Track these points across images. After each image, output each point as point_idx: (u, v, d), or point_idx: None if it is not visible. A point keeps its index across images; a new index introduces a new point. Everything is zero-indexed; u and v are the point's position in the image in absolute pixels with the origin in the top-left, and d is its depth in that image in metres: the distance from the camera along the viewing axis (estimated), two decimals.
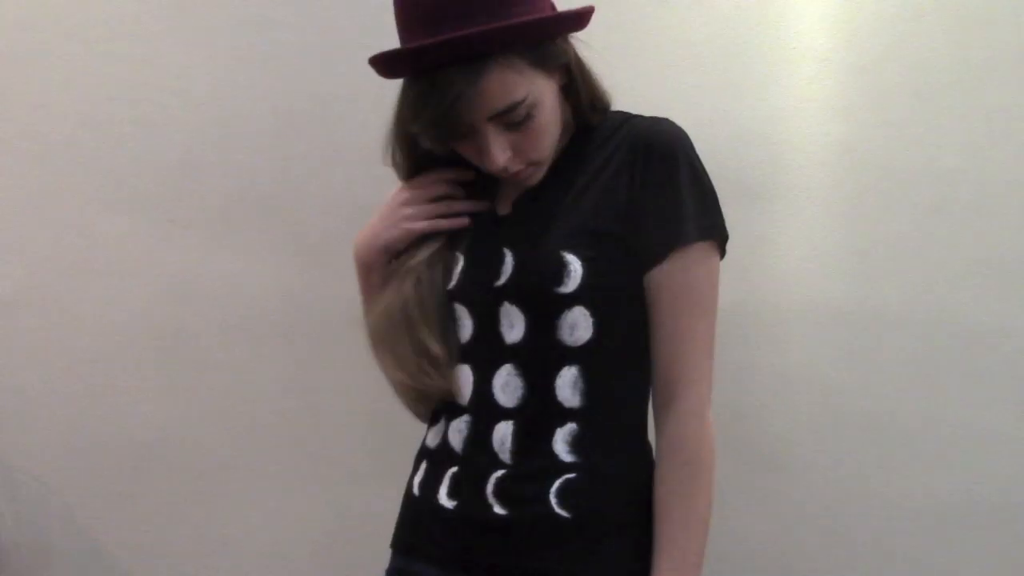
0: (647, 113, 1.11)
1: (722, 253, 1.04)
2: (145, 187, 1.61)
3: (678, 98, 1.50)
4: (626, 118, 1.06)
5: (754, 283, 1.51)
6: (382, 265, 1.11)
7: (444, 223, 1.08)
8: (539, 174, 1.03)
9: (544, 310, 0.98)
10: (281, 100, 1.59)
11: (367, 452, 1.61)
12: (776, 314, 1.51)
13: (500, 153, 0.96)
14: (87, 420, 1.62)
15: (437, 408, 1.10)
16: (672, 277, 0.99)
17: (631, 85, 1.15)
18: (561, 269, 0.97)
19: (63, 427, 1.62)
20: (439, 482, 1.05)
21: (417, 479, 1.10)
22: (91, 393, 1.61)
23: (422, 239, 1.08)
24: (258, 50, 1.60)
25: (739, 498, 1.53)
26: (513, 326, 1.00)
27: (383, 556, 1.16)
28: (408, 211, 1.08)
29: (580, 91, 1.04)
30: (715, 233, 1.01)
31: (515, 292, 0.99)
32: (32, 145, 1.61)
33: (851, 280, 1.49)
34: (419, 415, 1.14)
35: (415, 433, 1.22)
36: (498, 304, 1.01)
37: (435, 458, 1.08)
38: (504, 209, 1.07)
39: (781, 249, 1.51)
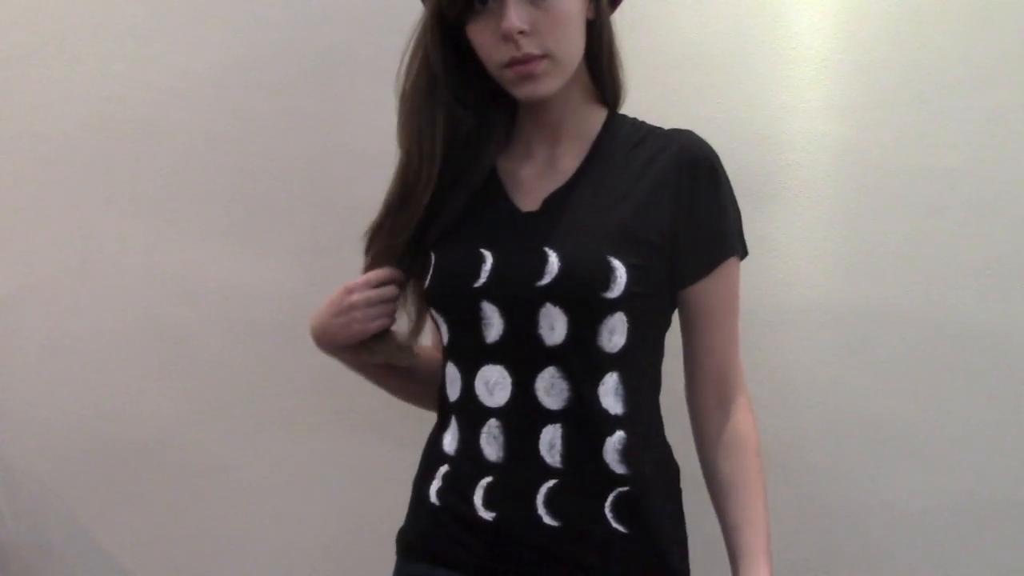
0: (645, 113, 1.11)
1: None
2: (145, 187, 1.61)
3: (678, 98, 1.50)
4: (649, 127, 1.07)
5: (754, 283, 1.51)
6: (341, 351, 1.14)
7: (390, 323, 1.11)
8: (551, 81, 1.00)
9: (588, 314, 0.98)
10: (282, 100, 1.59)
11: (368, 452, 1.61)
12: (776, 314, 1.51)
13: (517, 16, 0.96)
14: (87, 420, 1.62)
15: (447, 408, 1.08)
16: (718, 288, 1.05)
17: (631, 85, 1.15)
18: (609, 273, 0.96)
19: (63, 427, 1.62)
20: (470, 492, 1.02)
21: (434, 487, 1.07)
22: (91, 393, 1.62)
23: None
24: (258, 50, 1.60)
25: None
26: (554, 328, 0.98)
27: (385, 556, 1.16)
28: (357, 315, 1.09)
29: (603, 44, 1.06)
30: (742, 248, 1.08)
31: (560, 293, 0.98)
32: (32, 145, 1.61)
33: (851, 280, 1.49)
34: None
35: (417, 432, 1.22)
36: (539, 305, 0.98)
37: (458, 466, 1.05)
38: (529, 205, 1.05)
39: (781, 249, 1.51)
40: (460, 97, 1.05)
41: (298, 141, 1.60)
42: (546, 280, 0.98)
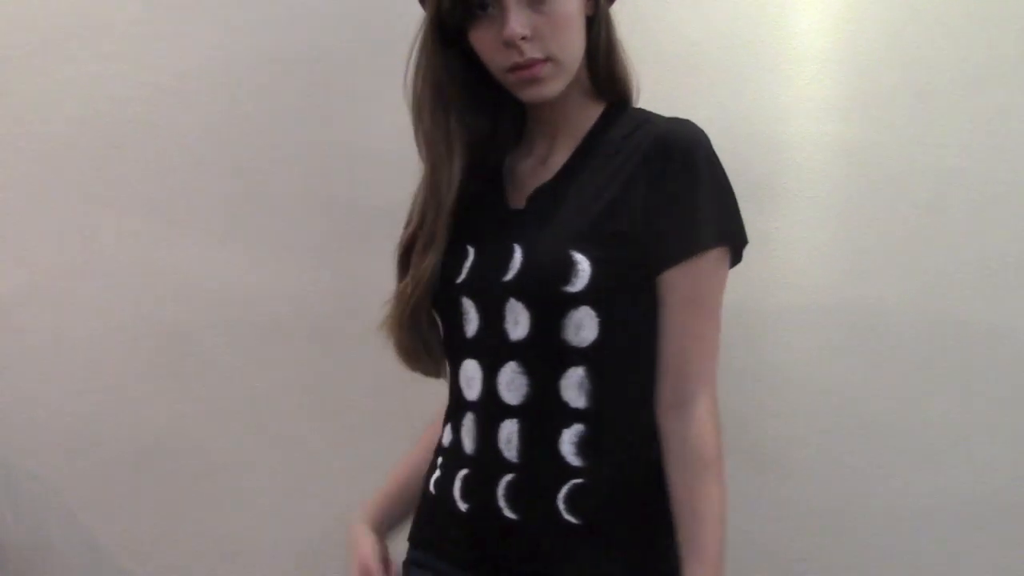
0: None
1: (737, 257, 1.04)
2: (145, 187, 1.61)
3: (678, 98, 1.50)
4: (646, 117, 1.05)
5: (754, 283, 1.51)
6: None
7: None
8: (555, 84, 1.00)
9: (549, 308, 0.98)
10: (282, 100, 1.59)
11: (367, 451, 1.61)
12: (776, 314, 1.51)
13: (517, 22, 0.96)
14: (87, 420, 1.62)
15: (449, 405, 1.10)
16: (685, 281, 0.98)
17: None
18: (569, 268, 0.96)
19: (63, 427, 1.62)
20: (452, 483, 1.05)
21: (434, 477, 1.10)
22: (91, 393, 1.62)
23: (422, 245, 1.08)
24: (259, 50, 1.60)
25: (738, 498, 1.52)
26: (518, 323, 0.99)
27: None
28: None
29: (600, 40, 1.04)
30: (730, 238, 1.01)
31: (521, 288, 0.98)
32: (32, 145, 1.61)
33: (851, 280, 1.49)
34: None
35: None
36: (504, 300, 0.99)
37: (448, 458, 1.08)
38: (518, 203, 1.06)
39: (781, 249, 1.51)
40: (468, 101, 1.06)
41: (299, 141, 1.60)
42: (510, 275, 0.99)
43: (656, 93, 1.49)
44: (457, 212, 1.06)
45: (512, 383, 1.00)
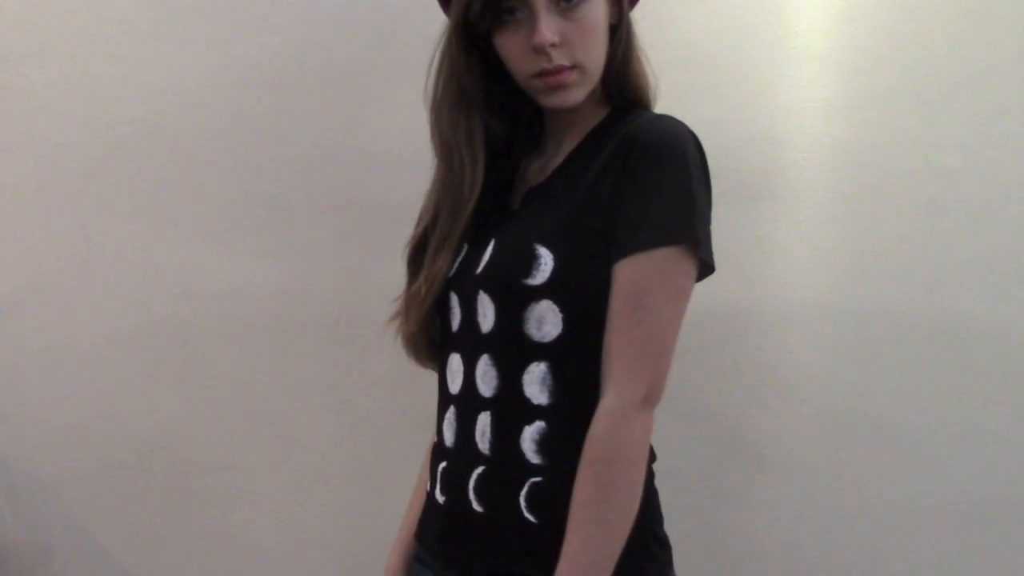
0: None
1: (704, 261, 0.98)
2: (145, 187, 1.61)
3: (677, 98, 1.50)
4: (638, 115, 1.05)
5: (754, 283, 1.51)
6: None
7: None
8: (579, 91, 1.01)
9: (510, 301, 0.98)
10: (282, 100, 1.59)
11: (368, 451, 1.61)
12: (776, 314, 1.51)
13: (549, 29, 0.97)
14: (87, 420, 1.62)
15: (438, 401, 1.11)
16: (623, 277, 0.95)
17: None
18: (531, 261, 0.96)
19: (63, 427, 1.62)
20: (435, 476, 1.07)
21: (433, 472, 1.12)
22: (91, 393, 1.62)
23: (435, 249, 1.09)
24: (258, 50, 1.60)
25: (739, 498, 1.53)
26: (486, 315, 1.00)
27: (382, 555, 1.16)
28: None
29: (619, 48, 1.05)
30: (679, 239, 0.94)
31: (487, 281, 1.00)
32: (32, 145, 1.61)
33: (851, 280, 1.49)
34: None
35: (413, 433, 1.22)
36: (476, 293, 1.01)
37: (435, 451, 1.10)
38: (517, 203, 1.08)
39: (781, 249, 1.51)
40: (491, 105, 1.07)
41: (298, 141, 1.60)
42: (479, 269, 1.01)
43: (656, 93, 1.50)
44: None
45: (485, 375, 1.01)
